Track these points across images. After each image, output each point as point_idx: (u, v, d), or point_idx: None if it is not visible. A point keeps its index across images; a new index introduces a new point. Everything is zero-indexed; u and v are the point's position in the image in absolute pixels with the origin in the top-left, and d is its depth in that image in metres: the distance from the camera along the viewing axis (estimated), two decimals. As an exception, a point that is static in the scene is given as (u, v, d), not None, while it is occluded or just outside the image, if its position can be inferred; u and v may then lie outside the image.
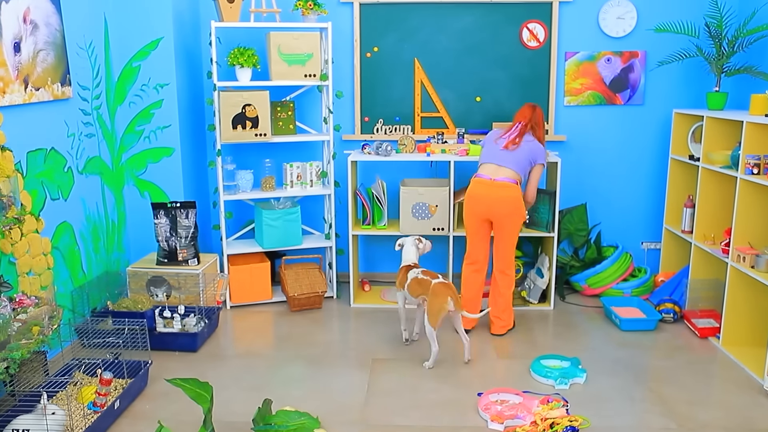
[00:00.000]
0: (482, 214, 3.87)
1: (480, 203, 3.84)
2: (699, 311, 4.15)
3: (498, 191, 3.80)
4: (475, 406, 3.15)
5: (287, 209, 4.46)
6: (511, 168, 3.83)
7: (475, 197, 3.86)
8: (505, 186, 3.80)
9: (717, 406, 3.16)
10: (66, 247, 3.76)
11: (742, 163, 3.57)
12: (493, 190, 3.81)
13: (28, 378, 3.07)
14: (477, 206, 3.86)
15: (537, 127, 3.93)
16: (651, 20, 4.59)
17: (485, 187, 3.83)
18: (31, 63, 3.36)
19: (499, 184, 3.80)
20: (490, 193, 3.81)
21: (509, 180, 3.81)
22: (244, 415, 3.07)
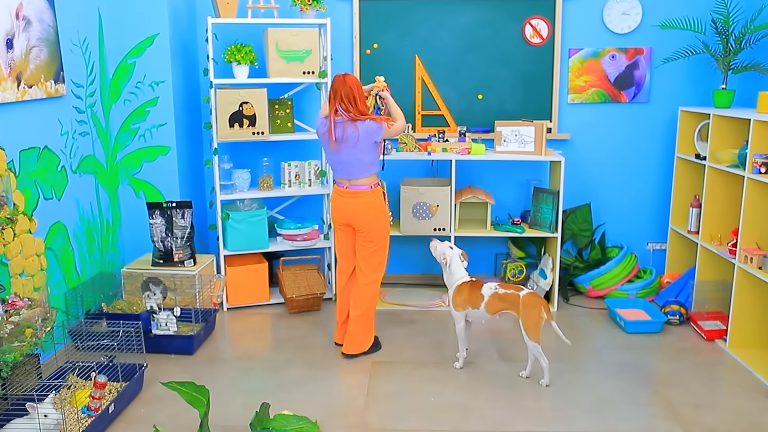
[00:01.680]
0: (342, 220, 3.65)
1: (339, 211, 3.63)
2: (705, 313, 4.14)
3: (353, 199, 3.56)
4: (476, 409, 3.15)
5: (252, 211, 4.44)
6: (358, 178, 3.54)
7: (333, 206, 3.66)
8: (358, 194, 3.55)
9: (724, 410, 3.16)
10: (59, 247, 3.75)
11: (750, 162, 3.57)
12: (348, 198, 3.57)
13: (21, 381, 3.06)
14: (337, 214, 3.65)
15: (354, 101, 3.43)
16: (656, 16, 4.59)
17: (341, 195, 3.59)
18: (24, 60, 3.35)
19: (353, 192, 3.56)
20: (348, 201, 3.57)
21: (362, 187, 3.55)
22: (241, 419, 3.07)
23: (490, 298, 3.44)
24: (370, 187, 3.58)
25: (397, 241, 4.99)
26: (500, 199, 4.88)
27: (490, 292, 3.45)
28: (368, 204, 3.58)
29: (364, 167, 3.53)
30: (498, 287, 3.46)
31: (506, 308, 3.43)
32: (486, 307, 3.45)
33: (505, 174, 4.88)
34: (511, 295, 3.41)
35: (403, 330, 4.15)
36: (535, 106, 4.74)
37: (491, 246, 4.99)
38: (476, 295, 3.47)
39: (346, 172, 3.55)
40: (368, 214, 3.58)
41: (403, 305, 4.54)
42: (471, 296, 3.49)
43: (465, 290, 3.51)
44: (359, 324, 3.70)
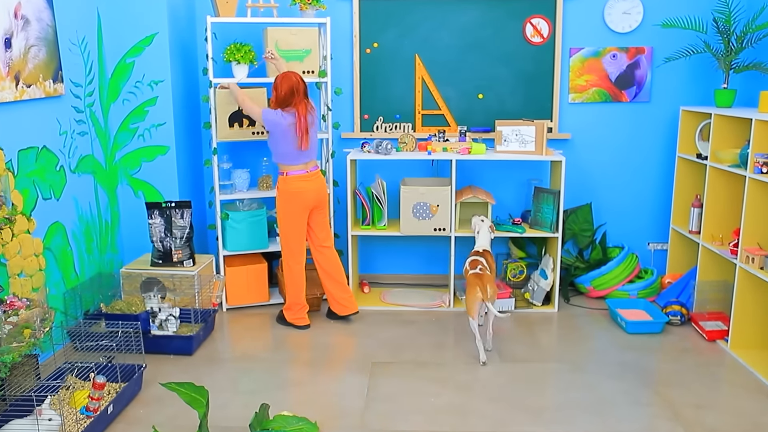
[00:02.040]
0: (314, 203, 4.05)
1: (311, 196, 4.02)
2: (707, 313, 4.14)
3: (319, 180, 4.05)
4: (476, 410, 3.15)
5: (252, 211, 4.44)
6: (314, 157, 4.05)
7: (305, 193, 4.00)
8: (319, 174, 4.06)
9: (725, 410, 3.16)
10: (58, 247, 3.75)
11: (751, 162, 3.57)
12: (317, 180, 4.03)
13: (20, 382, 3.06)
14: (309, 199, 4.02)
15: (305, 96, 3.94)
16: (658, 15, 4.59)
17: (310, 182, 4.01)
18: (23, 59, 3.36)
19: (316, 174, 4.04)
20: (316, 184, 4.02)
21: (317, 168, 4.05)
22: (240, 420, 3.07)
23: (464, 271, 3.88)
24: (317, 167, 4.08)
25: (398, 241, 5.00)
26: (501, 199, 4.88)
27: (466, 265, 3.88)
28: (323, 181, 4.12)
29: (315, 151, 4.06)
30: (469, 264, 3.84)
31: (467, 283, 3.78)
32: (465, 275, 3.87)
33: (505, 174, 4.88)
34: (466, 271, 3.81)
35: (403, 330, 4.15)
36: (535, 105, 4.74)
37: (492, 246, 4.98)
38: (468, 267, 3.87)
39: (307, 156, 3.98)
40: (325, 189, 4.12)
41: (403, 306, 4.54)
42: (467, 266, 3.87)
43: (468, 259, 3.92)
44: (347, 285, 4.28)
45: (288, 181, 3.97)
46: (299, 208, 3.99)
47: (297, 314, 4.19)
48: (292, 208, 4.00)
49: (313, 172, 4.00)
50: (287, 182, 3.98)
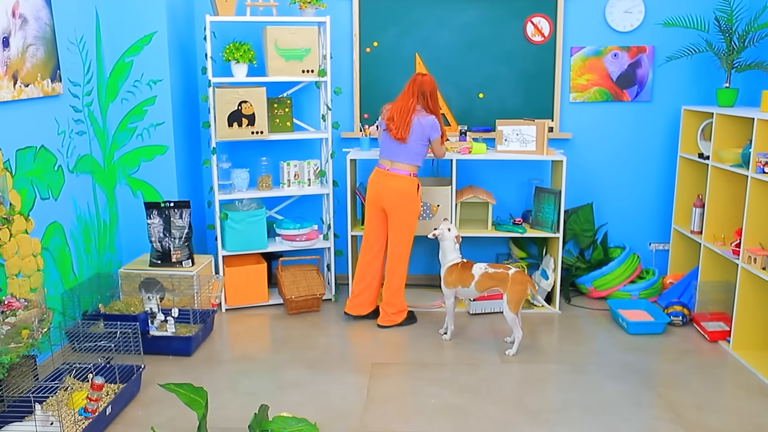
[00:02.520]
0: (375, 201, 4.08)
1: (373, 191, 4.06)
2: (709, 314, 4.14)
3: (392, 181, 3.99)
4: (477, 411, 3.15)
5: (251, 211, 4.44)
6: (404, 161, 3.98)
7: (370, 185, 4.08)
8: (398, 177, 3.98)
9: (727, 412, 3.16)
10: (56, 248, 3.76)
11: (753, 162, 3.57)
12: (388, 179, 3.99)
13: (17, 383, 3.06)
14: (371, 193, 4.08)
15: (430, 98, 3.95)
16: (659, 14, 4.58)
17: (381, 177, 4.03)
18: (20, 58, 3.36)
19: (393, 175, 3.99)
20: (385, 182, 4.00)
21: (403, 172, 3.98)
22: (239, 421, 3.07)
23: (481, 277, 3.84)
24: (409, 174, 4.00)
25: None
26: (501, 198, 4.88)
27: (480, 271, 3.85)
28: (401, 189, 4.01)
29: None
30: (488, 267, 3.85)
31: (494, 285, 3.83)
32: (476, 285, 3.86)
33: (506, 174, 4.88)
34: (500, 274, 3.80)
35: (403, 331, 4.15)
36: (536, 105, 4.74)
37: (492, 246, 4.99)
38: (467, 275, 3.88)
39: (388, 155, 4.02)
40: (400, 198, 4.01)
41: (403, 306, 4.53)
42: (461, 276, 3.89)
43: (455, 270, 3.92)
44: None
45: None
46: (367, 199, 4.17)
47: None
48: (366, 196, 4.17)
49: (390, 172, 3.99)
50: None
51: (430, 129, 3.91)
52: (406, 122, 3.87)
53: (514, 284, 3.74)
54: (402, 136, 3.89)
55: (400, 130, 3.88)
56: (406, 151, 3.94)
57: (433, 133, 3.92)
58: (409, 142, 3.91)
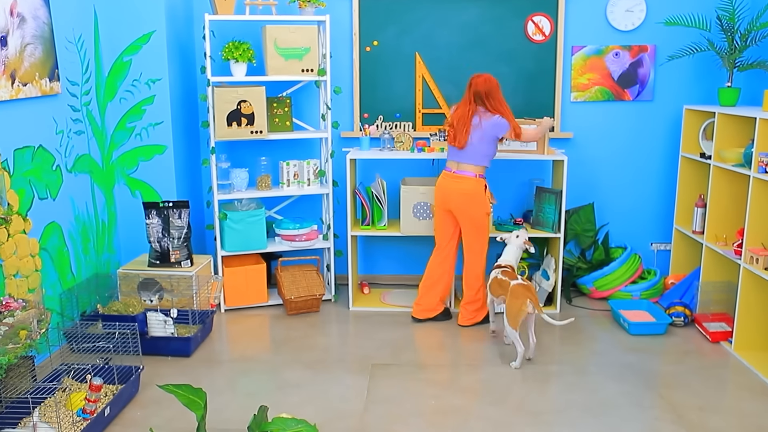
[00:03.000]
0: (442, 204, 4.12)
1: (439, 194, 4.11)
2: (710, 315, 4.14)
3: (457, 183, 4.02)
4: (477, 412, 3.15)
5: (250, 211, 4.44)
6: (470, 162, 4.01)
7: (437, 188, 4.13)
8: (463, 179, 4.01)
9: (729, 413, 3.16)
10: (54, 248, 3.76)
11: (756, 161, 3.57)
12: (454, 182, 4.03)
13: (15, 384, 3.06)
14: (438, 196, 4.13)
15: (488, 98, 3.93)
16: (661, 13, 4.59)
17: (447, 180, 4.07)
18: (18, 57, 3.36)
19: (459, 177, 4.02)
20: (451, 185, 4.04)
21: (468, 173, 4.01)
22: (239, 422, 3.07)
23: (493, 281, 3.86)
24: (475, 175, 4.01)
25: (398, 241, 5.00)
26: (502, 198, 4.88)
27: (494, 275, 3.86)
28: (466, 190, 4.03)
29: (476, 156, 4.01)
30: (500, 273, 3.83)
31: (502, 294, 3.77)
32: (490, 288, 3.91)
33: (507, 173, 4.88)
34: (506, 283, 3.73)
35: (403, 332, 4.15)
36: (537, 104, 4.74)
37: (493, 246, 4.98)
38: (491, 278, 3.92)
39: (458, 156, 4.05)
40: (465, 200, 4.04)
41: (403, 307, 4.54)
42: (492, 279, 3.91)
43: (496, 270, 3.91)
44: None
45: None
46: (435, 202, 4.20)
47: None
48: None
49: (457, 174, 4.02)
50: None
51: (494, 129, 3.91)
52: (464, 130, 3.91)
53: (512, 297, 3.64)
54: (461, 144, 3.93)
55: (458, 139, 3.93)
56: (471, 153, 3.96)
57: (499, 132, 3.93)
58: (470, 146, 3.93)
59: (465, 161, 3.99)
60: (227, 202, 4.53)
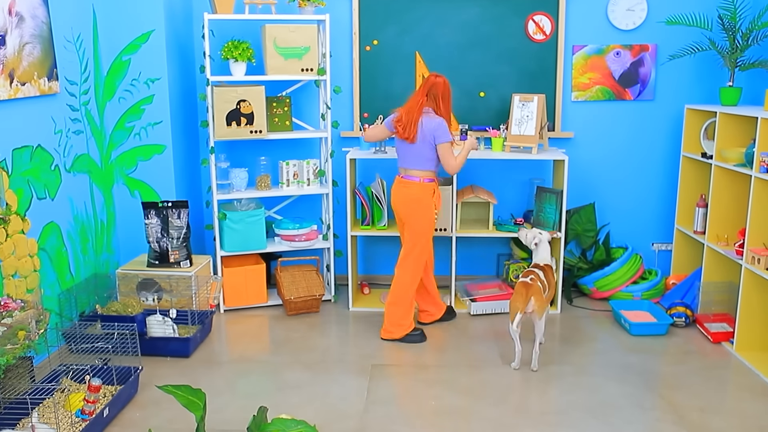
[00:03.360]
0: (395, 210, 4.05)
1: (392, 200, 4.04)
2: (712, 315, 4.14)
3: (402, 188, 3.94)
4: (478, 413, 3.15)
5: (250, 211, 4.44)
6: (415, 168, 3.88)
7: (391, 195, 4.05)
8: (410, 184, 3.90)
9: (731, 413, 3.16)
10: (53, 248, 3.75)
11: (757, 161, 3.57)
12: (400, 186, 3.95)
13: (14, 384, 3.06)
14: (392, 203, 4.05)
15: (442, 100, 3.83)
16: (662, 12, 4.58)
17: (396, 185, 3.99)
18: (17, 57, 3.35)
19: (404, 182, 3.93)
20: (397, 189, 3.96)
21: (413, 178, 3.89)
22: (238, 423, 3.07)
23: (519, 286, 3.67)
24: (420, 180, 3.89)
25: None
26: (502, 198, 4.88)
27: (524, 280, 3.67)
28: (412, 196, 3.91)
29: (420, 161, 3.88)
30: (522, 273, 3.73)
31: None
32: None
33: (507, 173, 4.88)
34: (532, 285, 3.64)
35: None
36: (538, 103, 4.74)
37: (493, 247, 4.99)
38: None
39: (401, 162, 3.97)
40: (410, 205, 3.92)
41: (403, 307, 4.53)
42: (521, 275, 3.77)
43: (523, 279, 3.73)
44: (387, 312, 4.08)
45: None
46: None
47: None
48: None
49: (403, 179, 3.92)
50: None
51: (435, 130, 3.75)
52: (413, 120, 3.77)
53: (514, 293, 3.60)
54: (409, 135, 3.78)
55: (407, 129, 3.78)
56: (415, 156, 3.83)
57: (438, 136, 3.75)
58: (417, 142, 3.78)
59: (411, 165, 3.87)
60: (226, 202, 4.53)
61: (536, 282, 3.58)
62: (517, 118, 4.41)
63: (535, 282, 3.57)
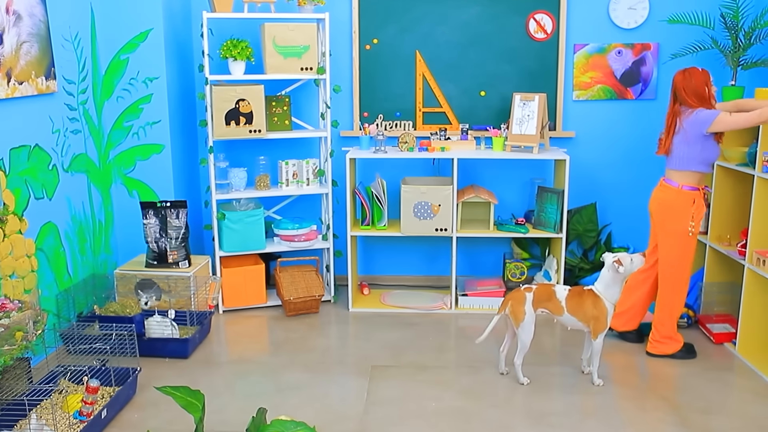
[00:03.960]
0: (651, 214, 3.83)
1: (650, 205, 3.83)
2: (714, 316, 4.14)
3: (659, 192, 3.74)
4: (478, 414, 3.15)
5: (249, 211, 4.44)
6: (673, 168, 3.68)
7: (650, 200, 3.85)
8: (663, 187, 3.72)
9: (733, 415, 3.16)
10: (51, 248, 3.75)
11: (760, 161, 3.57)
12: (656, 190, 3.77)
13: (11, 386, 3.06)
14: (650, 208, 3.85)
15: (687, 93, 3.56)
16: (664, 11, 4.59)
17: (656, 188, 3.80)
18: (14, 56, 3.36)
19: (662, 185, 3.74)
20: (654, 193, 3.78)
21: (672, 183, 3.67)
22: (237, 424, 3.07)
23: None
24: (678, 185, 3.65)
25: (398, 241, 5.00)
26: (503, 198, 4.88)
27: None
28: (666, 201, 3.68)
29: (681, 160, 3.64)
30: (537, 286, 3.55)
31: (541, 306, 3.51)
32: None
33: (508, 173, 4.88)
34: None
35: (403, 333, 4.15)
36: (539, 103, 4.74)
37: (494, 247, 4.99)
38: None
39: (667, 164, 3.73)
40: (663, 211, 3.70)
41: (403, 307, 4.54)
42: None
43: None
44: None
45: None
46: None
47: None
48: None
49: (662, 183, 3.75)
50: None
51: (696, 125, 3.52)
52: (667, 134, 3.64)
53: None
54: (662, 151, 3.69)
55: (660, 144, 3.70)
56: (675, 157, 3.63)
57: (703, 126, 3.50)
58: (674, 151, 3.61)
59: (670, 166, 3.68)
60: (225, 201, 4.54)
61: (527, 292, 3.44)
62: (518, 117, 4.41)
63: (526, 291, 3.45)
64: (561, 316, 3.46)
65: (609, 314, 3.41)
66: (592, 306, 3.41)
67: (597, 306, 3.40)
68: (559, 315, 3.46)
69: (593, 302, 3.42)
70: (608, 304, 3.41)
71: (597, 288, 3.44)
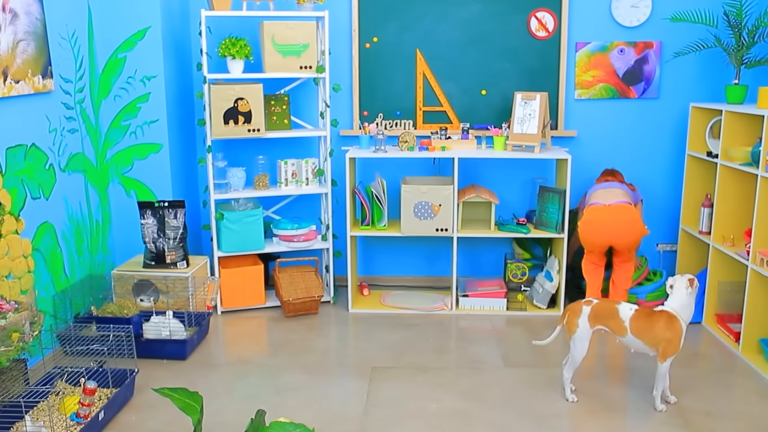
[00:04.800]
0: (602, 238, 4.16)
1: (599, 227, 4.16)
2: (735, 315, 4.14)
3: (616, 215, 4.11)
4: (479, 416, 3.15)
5: (248, 210, 4.44)
6: (620, 189, 4.17)
7: (593, 222, 4.17)
8: (621, 208, 4.11)
9: (737, 417, 3.16)
10: (47, 248, 3.75)
11: (764, 160, 3.57)
12: (611, 214, 4.11)
13: (8, 387, 3.06)
14: (596, 231, 4.17)
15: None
16: (666, 9, 4.59)
17: (602, 213, 4.13)
18: (11, 54, 3.36)
19: (614, 208, 4.11)
20: (608, 218, 4.12)
21: (623, 201, 4.12)
22: (236, 426, 3.07)
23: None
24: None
25: (398, 241, 5.00)
26: (504, 198, 4.88)
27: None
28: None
29: None
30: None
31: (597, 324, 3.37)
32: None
33: (509, 173, 4.88)
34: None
35: (403, 334, 4.15)
36: (540, 102, 4.74)
37: (495, 247, 4.99)
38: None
39: None
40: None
41: (403, 308, 4.54)
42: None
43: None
44: None
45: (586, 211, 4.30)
46: (589, 236, 4.27)
47: None
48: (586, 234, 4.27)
49: (611, 205, 4.20)
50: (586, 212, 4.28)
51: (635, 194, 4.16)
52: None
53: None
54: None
55: None
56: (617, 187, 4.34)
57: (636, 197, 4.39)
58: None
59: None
60: (224, 201, 4.54)
61: (585, 305, 3.31)
62: (520, 116, 4.41)
63: (584, 304, 3.32)
64: (623, 337, 3.29)
65: (683, 336, 3.26)
66: (665, 327, 3.24)
67: (672, 327, 3.23)
68: (621, 336, 3.29)
69: (667, 323, 3.24)
70: (684, 324, 3.27)
71: (673, 308, 3.28)
